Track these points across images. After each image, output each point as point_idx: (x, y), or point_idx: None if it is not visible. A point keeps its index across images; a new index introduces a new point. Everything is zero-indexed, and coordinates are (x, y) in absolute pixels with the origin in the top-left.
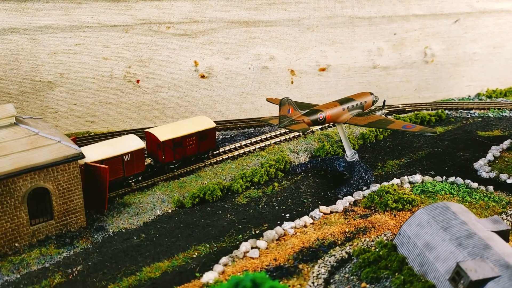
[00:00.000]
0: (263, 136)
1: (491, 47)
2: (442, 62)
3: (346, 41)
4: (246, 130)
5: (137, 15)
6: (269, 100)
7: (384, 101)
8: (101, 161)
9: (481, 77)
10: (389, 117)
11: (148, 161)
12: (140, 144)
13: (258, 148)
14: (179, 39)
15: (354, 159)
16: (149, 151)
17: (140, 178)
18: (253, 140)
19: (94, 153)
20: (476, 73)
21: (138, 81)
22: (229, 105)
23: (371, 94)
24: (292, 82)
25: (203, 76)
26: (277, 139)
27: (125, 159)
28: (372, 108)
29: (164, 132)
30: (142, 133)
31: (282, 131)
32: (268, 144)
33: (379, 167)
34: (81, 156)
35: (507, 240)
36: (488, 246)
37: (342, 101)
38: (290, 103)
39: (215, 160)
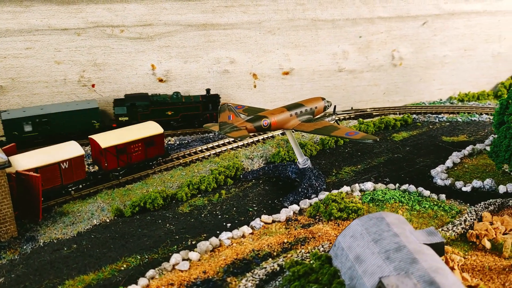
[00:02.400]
0: (221, 142)
1: (462, 49)
2: (411, 65)
3: (310, 44)
4: (206, 135)
5: (89, 18)
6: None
7: (335, 106)
8: (36, 169)
9: (452, 80)
10: (353, 123)
11: (96, 168)
12: (79, 151)
13: (213, 154)
14: (134, 42)
15: (306, 166)
16: (94, 158)
17: (81, 186)
18: (210, 145)
19: (28, 160)
20: (447, 76)
21: (93, 85)
22: None
23: (323, 99)
24: (255, 86)
25: (161, 80)
26: (234, 145)
27: (63, 167)
28: (323, 114)
29: (107, 139)
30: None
31: None
32: (224, 150)
33: (333, 173)
34: (7, 164)
35: (441, 253)
36: (415, 260)
37: (290, 107)
38: (231, 109)
39: (166, 167)
